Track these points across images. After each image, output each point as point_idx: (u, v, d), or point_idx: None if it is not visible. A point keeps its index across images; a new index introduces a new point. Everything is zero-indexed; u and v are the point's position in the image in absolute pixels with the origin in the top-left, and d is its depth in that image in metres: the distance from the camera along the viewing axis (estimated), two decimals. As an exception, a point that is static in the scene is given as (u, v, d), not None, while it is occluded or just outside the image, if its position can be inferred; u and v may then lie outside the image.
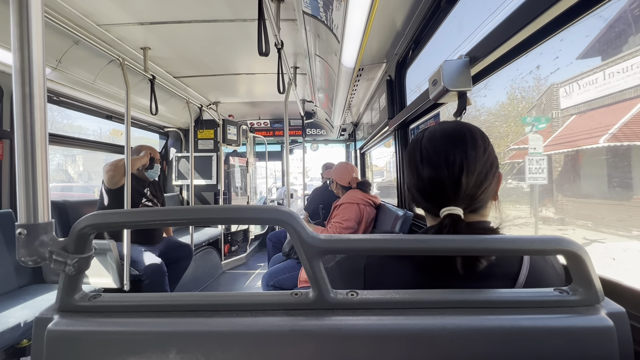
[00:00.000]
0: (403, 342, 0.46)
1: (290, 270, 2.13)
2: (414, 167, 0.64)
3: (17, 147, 0.49)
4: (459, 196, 0.57)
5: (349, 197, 2.26)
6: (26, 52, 0.49)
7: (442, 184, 0.59)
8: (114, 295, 0.53)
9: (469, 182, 0.57)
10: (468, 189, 0.57)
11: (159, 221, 0.50)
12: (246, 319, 0.48)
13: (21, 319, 1.48)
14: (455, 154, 0.59)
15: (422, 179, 0.62)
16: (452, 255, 0.53)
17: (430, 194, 0.61)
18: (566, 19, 0.72)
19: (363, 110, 3.64)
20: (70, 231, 0.48)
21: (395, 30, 1.76)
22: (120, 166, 2.26)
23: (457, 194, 0.58)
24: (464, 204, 0.58)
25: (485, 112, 7.40)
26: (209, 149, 4.10)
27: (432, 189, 0.61)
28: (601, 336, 0.45)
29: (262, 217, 0.50)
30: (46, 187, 0.51)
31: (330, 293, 0.49)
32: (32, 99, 0.50)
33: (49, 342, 0.47)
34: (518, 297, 0.49)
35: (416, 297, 0.49)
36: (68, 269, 0.48)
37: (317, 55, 2.16)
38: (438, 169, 0.59)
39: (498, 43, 0.85)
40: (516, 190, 5.94)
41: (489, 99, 8.17)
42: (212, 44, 2.25)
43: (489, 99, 8.17)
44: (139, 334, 0.48)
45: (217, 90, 3.45)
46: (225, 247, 4.16)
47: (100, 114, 2.87)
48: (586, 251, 0.47)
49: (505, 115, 7.19)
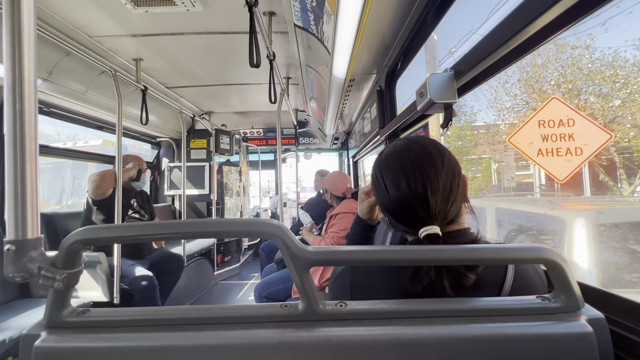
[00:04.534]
0: (391, 352, 0.47)
1: (283, 281, 2.12)
2: (381, 190, 0.64)
3: (6, 161, 0.49)
4: (431, 214, 0.58)
5: (344, 207, 2.27)
6: (17, 64, 0.49)
7: (409, 205, 0.59)
8: (103, 310, 0.53)
9: (436, 199, 0.58)
10: (437, 205, 0.58)
11: (149, 236, 0.51)
12: (236, 332, 0.48)
13: (6, 335, 1.44)
14: (414, 175, 0.59)
15: (390, 202, 0.62)
16: (437, 265, 0.54)
17: (401, 216, 0.62)
18: (549, 31, 0.75)
19: (355, 120, 3.68)
20: (60, 246, 0.48)
21: (385, 42, 1.80)
22: (109, 176, 2.24)
23: (428, 212, 0.58)
24: (439, 220, 0.58)
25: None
26: (201, 158, 4.09)
27: (402, 211, 0.61)
28: (582, 342, 0.47)
29: (252, 230, 0.51)
30: (36, 202, 0.51)
31: (320, 304, 0.50)
32: (22, 112, 0.49)
33: (36, 359, 0.47)
34: (502, 305, 0.50)
35: (404, 307, 0.50)
36: (57, 285, 0.48)
37: (309, 66, 2.20)
38: (402, 190, 0.60)
39: (482, 57, 0.88)
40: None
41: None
42: (204, 55, 2.27)
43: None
44: (128, 349, 0.47)
45: (210, 101, 3.46)
46: (218, 258, 4.12)
47: (92, 124, 2.85)
48: (565, 259, 0.49)
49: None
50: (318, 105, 3.22)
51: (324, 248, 0.50)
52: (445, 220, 0.59)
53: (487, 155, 11.92)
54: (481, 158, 12.41)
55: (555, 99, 2.05)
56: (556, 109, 2.00)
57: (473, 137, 11.95)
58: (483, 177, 12.66)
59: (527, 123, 2.06)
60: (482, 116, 28.12)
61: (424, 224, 0.58)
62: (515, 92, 8.30)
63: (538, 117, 2.03)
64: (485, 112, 20.77)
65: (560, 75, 7.13)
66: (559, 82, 7.14)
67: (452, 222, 0.61)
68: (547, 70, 7.37)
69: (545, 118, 2.00)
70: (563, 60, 7.05)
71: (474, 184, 12.42)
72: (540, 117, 2.02)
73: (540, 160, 2.01)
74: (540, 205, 3.01)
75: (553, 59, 7.19)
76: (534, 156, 2.00)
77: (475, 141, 11.93)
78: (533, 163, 7.69)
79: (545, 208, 2.61)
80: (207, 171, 4.05)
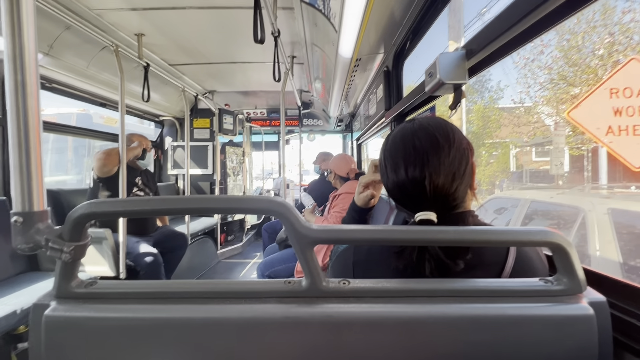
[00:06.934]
0: (393, 329, 0.48)
1: (286, 261, 2.16)
2: (384, 173, 0.65)
3: (10, 135, 0.49)
4: (429, 200, 0.58)
5: (347, 187, 2.28)
6: (17, 37, 0.48)
7: (406, 190, 0.60)
8: (110, 282, 0.54)
9: (435, 187, 0.57)
10: (436, 192, 0.57)
11: (154, 210, 0.51)
12: (240, 306, 0.49)
13: (18, 305, 1.49)
14: (414, 161, 0.59)
15: (391, 185, 0.63)
16: (442, 245, 0.54)
17: (401, 200, 0.63)
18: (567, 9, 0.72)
19: (360, 101, 3.63)
20: (66, 219, 0.48)
21: (394, 20, 1.74)
22: (113, 155, 2.24)
23: (426, 198, 0.58)
24: (437, 205, 0.58)
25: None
26: (205, 138, 4.07)
27: (401, 196, 0.62)
28: (582, 324, 0.47)
29: (257, 207, 0.50)
30: (40, 174, 0.51)
31: (323, 282, 0.50)
32: (24, 87, 0.49)
33: (46, 328, 0.48)
34: (505, 286, 0.51)
35: (406, 286, 0.51)
36: (64, 257, 0.48)
37: (315, 44, 2.14)
38: (399, 176, 0.60)
39: (495, 35, 0.85)
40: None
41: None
42: (207, 31, 2.21)
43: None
44: (134, 320, 0.49)
45: (213, 79, 3.40)
46: (221, 237, 4.18)
47: (94, 101, 2.83)
48: (571, 243, 0.49)
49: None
50: (323, 86, 3.17)
51: (329, 226, 0.50)
52: (446, 206, 0.59)
53: (516, 138, 10.81)
54: (507, 142, 11.43)
55: (636, 60, 1.58)
56: (636, 73, 1.51)
57: (499, 117, 10.89)
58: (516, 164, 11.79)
59: (593, 92, 1.61)
60: (509, 93, 26.09)
61: (422, 209, 0.58)
62: (550, 65, 7.58)
63: (609, 84, 1.57)
64: (512, 88, 19.09)
65: (611, 44, 6.33)
66: (611, 50, 6.35)
67: (455, 208, 0.61)
68: (590, 38, 6.64)
69: (620, 85, 1.54)
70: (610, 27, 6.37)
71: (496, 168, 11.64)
72: (613, 84, 1.56)
73: (609, 141, 1.55)
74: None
75: (600, 24, 6.49)
76: (601, 135, 1.57)
77: (500, 122, 10.89)
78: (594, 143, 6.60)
79: None
80: (211, 151, 4.04)
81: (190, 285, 0.53)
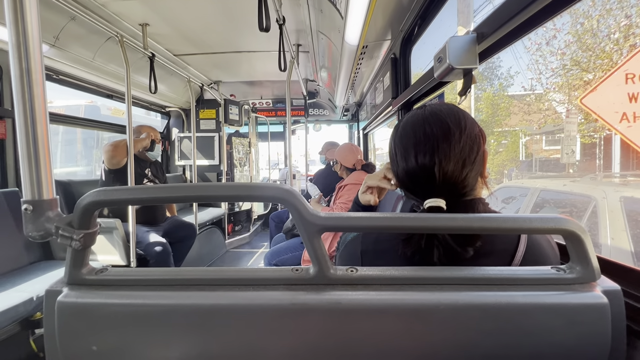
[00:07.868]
0: (401, 317, 0.47)
1: (292, 250, 2.17)
2: (394, 161, 0.64)
3: (17, 124, 0.49)
4: (438, 188, 0.57)
5: (354, 178, 2.26)
6: (21, 26, 0.48)
7: (417, 177, 0.59)
8: (120, 269, 0.55)
9: (445, 174, 0.56)
10: (446, 179, 0.57)
11: (161, 198, 0.51)
12: (248, 293, 0.49)
13: (33, 293, 1.53)
14: (424, 148, 0.58)
15: (401, 173, 0.62)
16: (452, 233, 0.53)
17: (410, 188, 0.62)
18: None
19: (366, 90, 3.57)
20: (75, 207, 0.48)
21: (401, 5, 1.69)
22: (121, 146, 2.26)
23: (435, 186, 0.57)
24: (447, 192, 0.57)
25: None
26: (211, 129, 4.08)
27: (410, 183, 0.61)
28: (595, 312, 0.46)
29: (264, 194, 0.50)
30: (49, 163, 0.51)
31: (330, 269, 0.50)
32: (29, 74, 0.49)
33: (59, 313, 0.49)
34: (515, 274, 0.50)
35: (414, 274, 0.50)
36: (74, 244, 0.49)
37: (320, 32, 2.10)
38: (409, 163, 0.60)
39: (507, 17, 0.82)
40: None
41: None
42: (212, 20, 2.19)
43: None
44: (144, 306, 0.49)
45: (218, 69, 3.38)
46: (229, 227, 4.22)
47: (101, 92, 2.84)
48: (585, 230, 0.47)
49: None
50: (329, 75, 3.12)
51: (336, 213, 0.50)
52: (455, 192, 0.58)
53: (526, 126, 10.51)
54: (517, 131, 11.21)
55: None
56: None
57: (508, 105, 10.69)
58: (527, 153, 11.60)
59: (608, 78, 1.53)
60: (519, 80, 25.22)
61: (431, 197, 0.57)
62: (562, 49, 7.35)
63: (625, 67, 1.48)
64: (523, 75, 18.43)
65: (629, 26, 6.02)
66: (627, 33, 6.04)
67: (465, 196, 0.60)
68: (606, 22, 6.36)
69: (637, 71, 1.45)
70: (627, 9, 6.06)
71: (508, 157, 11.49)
72: (629, 68, 1.47)
73: (624, 128, 1.48)
74: None
75: (617, 6, 6.19)
76: (615, 122, 1.49)
77: (510, 110, 10.68)
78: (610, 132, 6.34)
79: None
80: (217, 142, 4.05)
81: (200, 272, 0.53)
